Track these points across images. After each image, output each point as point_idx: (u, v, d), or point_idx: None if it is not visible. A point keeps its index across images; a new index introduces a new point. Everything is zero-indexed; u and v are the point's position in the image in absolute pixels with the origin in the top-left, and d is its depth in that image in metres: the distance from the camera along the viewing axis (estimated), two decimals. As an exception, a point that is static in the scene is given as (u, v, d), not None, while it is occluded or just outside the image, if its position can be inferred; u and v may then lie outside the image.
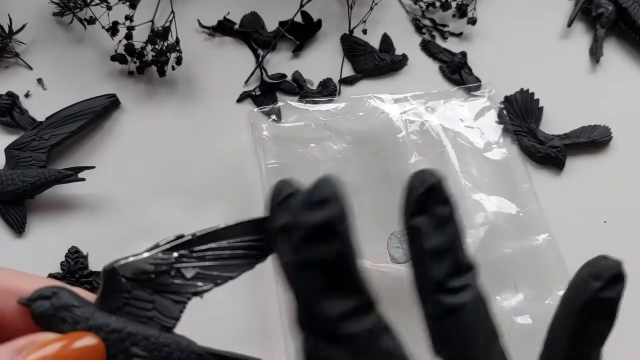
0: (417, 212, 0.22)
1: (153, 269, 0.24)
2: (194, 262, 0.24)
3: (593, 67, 0.56)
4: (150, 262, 0.24)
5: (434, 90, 0.53)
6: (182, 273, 0.24)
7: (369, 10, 0.57)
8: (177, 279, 0.24)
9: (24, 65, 0.56)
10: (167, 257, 0.24)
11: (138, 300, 0.24)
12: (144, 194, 0.50)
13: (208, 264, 0.24)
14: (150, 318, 0.24)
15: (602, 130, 0.52)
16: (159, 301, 0.24)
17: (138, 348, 0.23)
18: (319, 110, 0.52)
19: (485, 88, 0.54)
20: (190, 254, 0.24)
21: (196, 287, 0.24)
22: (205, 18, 0.57)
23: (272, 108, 0.52)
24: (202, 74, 0.55)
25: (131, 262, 0.23)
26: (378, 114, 0.51)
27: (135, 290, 0.23)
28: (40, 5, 0.57)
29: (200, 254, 0.24)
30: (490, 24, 0.58)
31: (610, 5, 0.57)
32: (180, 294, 0.24)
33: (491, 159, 0.50)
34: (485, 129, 0.52)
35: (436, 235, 0.22)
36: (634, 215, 0.50)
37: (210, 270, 0.24)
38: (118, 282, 0.23)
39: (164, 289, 0.24)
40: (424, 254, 0.22)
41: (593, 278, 0.23)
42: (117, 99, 0.53)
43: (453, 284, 0.22)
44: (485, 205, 0.48)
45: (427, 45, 0.57)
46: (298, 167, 0.49)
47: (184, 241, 0.24)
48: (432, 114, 0.52)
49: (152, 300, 0.24)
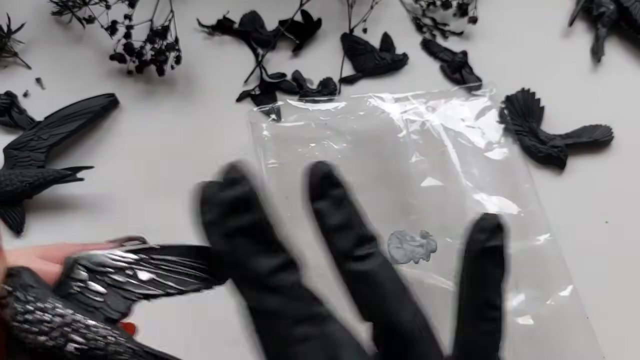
0: (317, 197, 0.27)
1: (112, 264, 0.26)
2: (151, 268, 0.26)
3: (594, 67, 0.56)
4: (111, 257, 0.26)
5: (435, 89, 0.53)
6: (137, 275, 0.26)
7: (369, 9, 0.56)
8: (132, 278, 0.26)
9: (23, 64, 0.55)
10: (128, 257, 0.26)
11: (90, 290, 0.25)
12: (143, 194, 0.50)
13: (163, 273, 0.26)
14: (97, 308, 0.25)
15: (604, 130, 0.52)
16: (109, 294, 0.26)
17: (77, 335, 0.24)
18: (319, 110, 0.52)
19: (486, 87, 0.54)
20: (149, 260, 0.26)
21: (148, 289, 0.26)
22: (204, 17, 0.57)
23: (271, 107, 0.51)
24: (202, 73, 0.55)
25: (93, 254, 0.26)
26: (378, 113, 0.51)
27: (90, 281, 0.25)
28: (39, 4, 0.57)
29: (158, 263, 0.26)
30: (491, 23, 0.57)
31: (611, 5, 0.57)
32: (132, 292, 0.26)
33: (492, 159, 0.50)
34: (486, 129, 0.51)
35: (336, 214, 0.27)
36: (636, 216, 0.49)
37: (164, 280, 0.27)
38: (76, 271, 0.25)
39: (118, 285, 0.26)
40: (329, 231, 0.27)
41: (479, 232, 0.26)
42: (115, 99, 0.53)
43: (358, 253, 0.26)
44: (486, 206, 0.47)
45: (428, 45, 0.57)
46: (298, 167, 0.49)
47: (146, 247, 0.26)
48: (432, 114, 0.52)
49: (104, 293, 0.26)
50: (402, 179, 0.49)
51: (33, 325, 0.24)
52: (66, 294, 0.25)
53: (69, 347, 0.24)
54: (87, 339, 0.25)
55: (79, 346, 0.24)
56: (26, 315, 0.24)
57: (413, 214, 0.47)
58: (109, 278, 0.26)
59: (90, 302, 0.26)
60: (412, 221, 0.47)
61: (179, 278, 0.27)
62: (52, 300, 0.25)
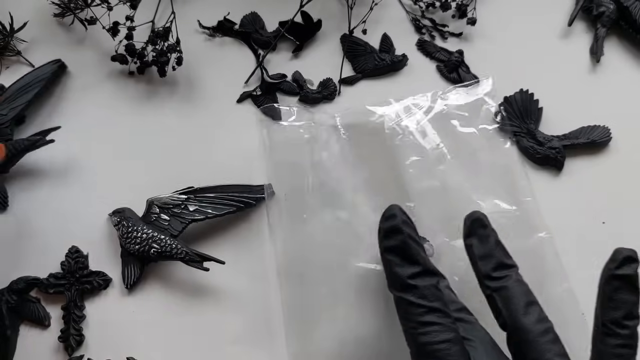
0: (467, 235, 0.39)
1: (171, 202, 0.48)
2: (195, 202, 0.48)
3: (593, 67, 0.56)
4: (171, 198, 0.48)
5: (434, 89, 0.53)
6: (187, 207, 0.48)
7: (368, 11, 0.57)
8: (184, 210, 0.48)
9: (26, 63, 0.56)
10: (181, 197, 0.48)
11: (161, 218, 0.48)
12: (144, 194, 0.50)
13: (204, 204, 0.48)
14: (166, 229, 0.48)
15: (602, 131, 0.52)
16: (172, 221, 0.48)
17: (155, 244, 0.47)
18: (318, 113, 0.52)
19: (481, 85, 0.54)
20: (194, 197, 0.49)
21: (194, 216, 0.48)
22: (205, 18, 0.57)
23: (270, 108, 0.52)
24: (203, 74, 0.56)
25: (161, 197, 0.48)
26: (376, 116, 0.52)
27: (161, 213, 0.48)
28: (41, 4, 0.58)
29: (200, 198, 0.49)
30: (490, 24, 0.57)
31: (611, 4, 0.57)
32: (185, 218, 0.48)
33: (487, 159, 0.50)
34: (481, 129, 0.52)
35: (481, 246, 0.38)
36: (633, 216, 0.49)
37: (205, 208, 0.48)
38: (153, 207, 0.48)
39: (176, 215, 0.48)
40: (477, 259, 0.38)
41: (611, 262, 0.34)
42: (63, 64, 0.55)
43: (495, 275, 0.37)
44: (483, 205, 0.48)
45: (424, 45, 0.57)
46: (296, 167, 0.50)
47: (191, 189, 0.49)
48: (427, 115, 0.52)
49: (169, 220, 0.48)
50: (399, 182, 0.49)
51: (131, 240, 0.47)
52: (149, 222, 0.48)
53: (152, 251, 0.47)
54: (161, 246, 0.47)
55: (156, 250, 0.47)
56: (128, 234, 0.47)
57: (411, 216, 0.47)
58: (171, 211, 0.48)
59: (162, 225, 0.48)
60: None
61: (215, 206, 0.48)
62: (141, 226, 0.48)
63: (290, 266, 0.47)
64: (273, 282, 0.47)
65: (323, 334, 0.45)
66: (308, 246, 0.47)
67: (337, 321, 0.45)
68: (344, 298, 0.46)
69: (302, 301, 0.46)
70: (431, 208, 0.48)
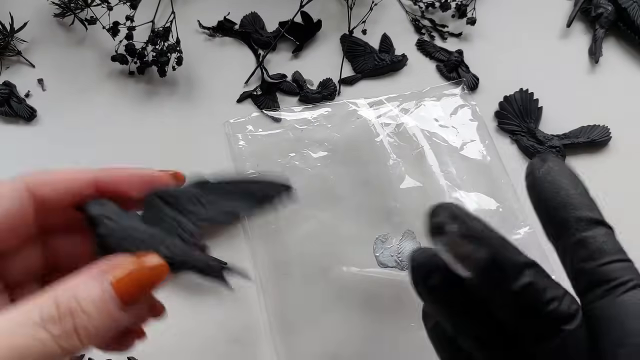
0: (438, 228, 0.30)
1: (176, 193, 0.34)
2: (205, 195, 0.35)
3: (592, 67, 0.56)
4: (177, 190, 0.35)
5: (430, 89, 0.53)
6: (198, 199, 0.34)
7: (368, 11, 0.57)
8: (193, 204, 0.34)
9: (26, 63, 0.56)
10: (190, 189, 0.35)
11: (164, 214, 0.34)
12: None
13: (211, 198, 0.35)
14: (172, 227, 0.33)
15: (601, 130, 0.52)
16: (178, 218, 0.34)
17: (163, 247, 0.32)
18: (296, 119, 0.52)
19: (457, 86, 0.54)
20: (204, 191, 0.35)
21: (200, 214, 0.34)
22: (205, 18, 0.58)
23: (248, 118, 0.52)
24: (203, 74, 0.56)
25: (166, 189, 0.35)
26: (354, 119, 0.52)
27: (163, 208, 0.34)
28: (41, 4, 0.58)
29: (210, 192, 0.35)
30: (489, 24, 0.58)
31: (609, 6, 0.57)
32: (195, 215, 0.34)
33: (468, 157, 0.51)
34: (460, 127, 0.52)
35: None
36: (634, 216, 0.50)
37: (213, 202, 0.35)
38: (154, 200, 0.34)
39: (182, 209, 0.34)
40: None
41: None
42: None
43: None
44: (465, 202, 0.48)
45: (423, 45, 0.57)
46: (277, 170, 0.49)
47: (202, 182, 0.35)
48: (407, 115, 0.52)
49: (173, 217, 0.34)
50: (382, 183, 0.49)
51: None
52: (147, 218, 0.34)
53: None
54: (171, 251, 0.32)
55: None
56: None
57: (395, 216, 0.48)
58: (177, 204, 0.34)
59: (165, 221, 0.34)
60: (395, 223, 0.48)
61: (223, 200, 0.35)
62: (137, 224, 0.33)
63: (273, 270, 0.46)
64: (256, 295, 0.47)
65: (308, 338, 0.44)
66: (291, 250, 0.47)
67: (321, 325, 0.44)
68: (329, 301, 0.45)
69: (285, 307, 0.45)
70: (415, 208, 0.47)
